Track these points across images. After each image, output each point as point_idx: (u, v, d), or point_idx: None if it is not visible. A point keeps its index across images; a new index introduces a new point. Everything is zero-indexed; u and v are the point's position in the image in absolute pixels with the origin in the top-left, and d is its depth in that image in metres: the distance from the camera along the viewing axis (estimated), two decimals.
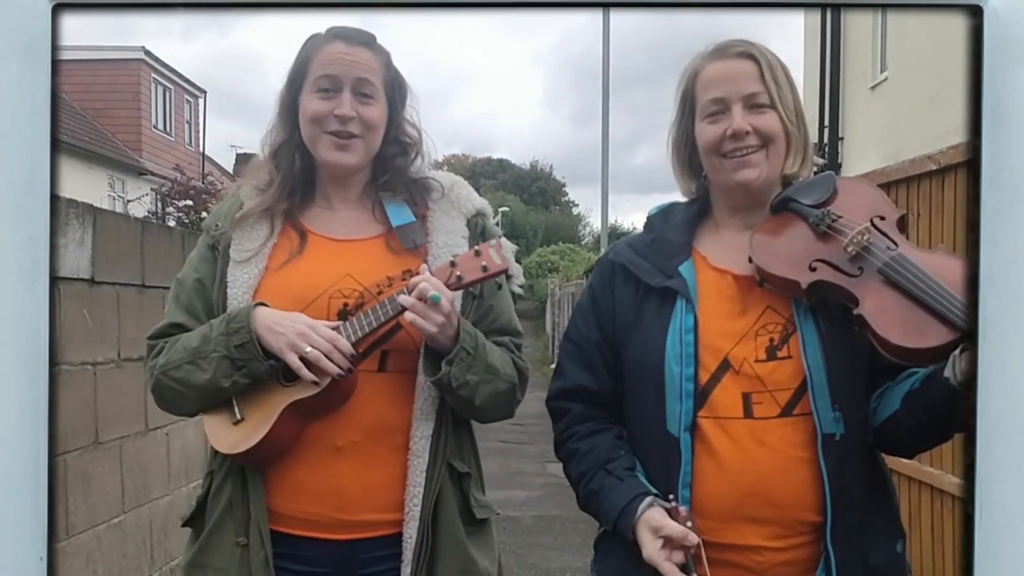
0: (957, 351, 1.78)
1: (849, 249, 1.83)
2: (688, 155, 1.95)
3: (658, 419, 1.86)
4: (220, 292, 1.95)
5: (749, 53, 1.89)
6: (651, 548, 1.81)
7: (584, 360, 1.94)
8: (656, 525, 1.81)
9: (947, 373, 1.78)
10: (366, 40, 1.99)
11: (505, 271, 1.91)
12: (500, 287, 2.04)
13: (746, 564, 1.86)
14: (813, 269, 1.84)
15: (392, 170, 2.01)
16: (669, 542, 1.82)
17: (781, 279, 1.87)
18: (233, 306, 1.93)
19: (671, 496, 1.85)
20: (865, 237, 1.83)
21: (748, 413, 1.84)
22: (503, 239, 1.95)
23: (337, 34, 1.98)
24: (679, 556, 1.81)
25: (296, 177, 2.00)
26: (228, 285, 1.93)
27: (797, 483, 1.83)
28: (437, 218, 1.98)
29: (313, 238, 1.97)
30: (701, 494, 1.85)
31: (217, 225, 2.01)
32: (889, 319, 1.79)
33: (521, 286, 2.07)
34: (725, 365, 1.85)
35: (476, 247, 1.91)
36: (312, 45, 1.97)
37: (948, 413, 1.84)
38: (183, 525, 2.02)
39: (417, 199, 1.99)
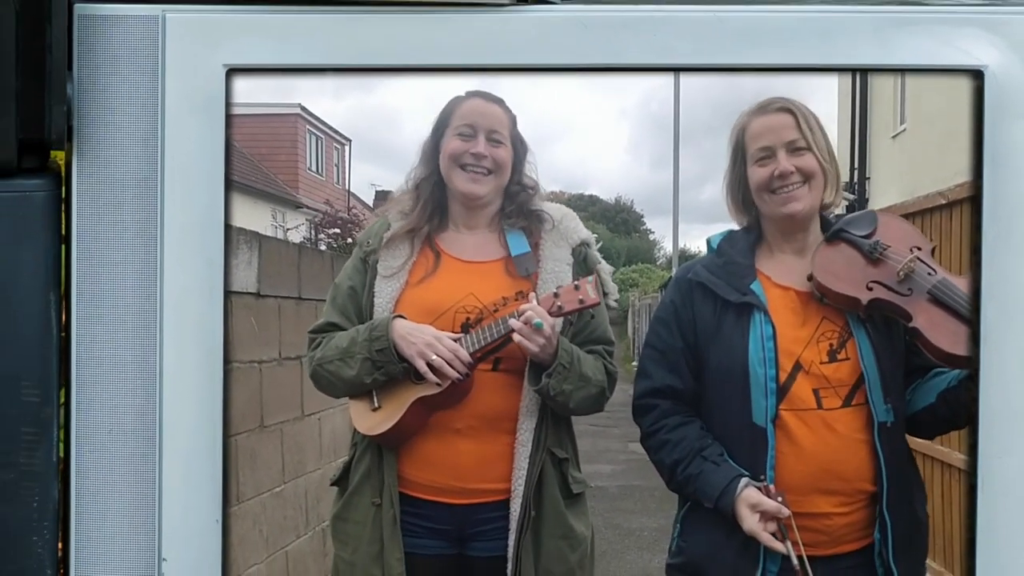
0: None
1: (900, 273, 2.17)
2: (741, 195, 2.22)
3: (744, 413, 2.19)
4: (368, 300, 2.22)
5: (787, 108, 2.19)
6: (750, 522, 2.16)
7: (669, 364, 2.22)
8: (754, 502, 2.16)
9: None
10: (498, 100, 2.24)
11: (597, 304, 2.22)
12: (599, 310, 2.28)
13: (819, 528, 2.19)
14: (870, 288, 2.19)
15: (516, 204, 2.26)
16: (764, 515, 2.16)
17: (844, 296, 2.19)
18: (378, 314, 2.20)
19: (761, 477, 2.18)
20: (912, 263, 2.16)
21: (819, 405, 2.19)
22: (602, 264, 2.27)
23: (475, 94, 2.23)
24: (772, 526, 2.16)
25: (434, 205, 2.25)
26: (375, 295, 2.22)
27: (858, 460, 2.19)
28: (547, 247, 2.24)
29: (445, 258, 2.23)
30: (784, 473, 2.18)
31: (368, 242, 2.26)
32: (939, 331, 2.16)
33: (616, 301, 2.31)
34: (798, 366, 2.18)
35: (576, 281, 2.21)
36: (455, 101, 2.22)
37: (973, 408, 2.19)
38: (332, 484, 2.30)
39: (532, 229, 2.24)
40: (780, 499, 2.20)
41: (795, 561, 2.18)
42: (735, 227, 2.26)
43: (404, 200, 2.29)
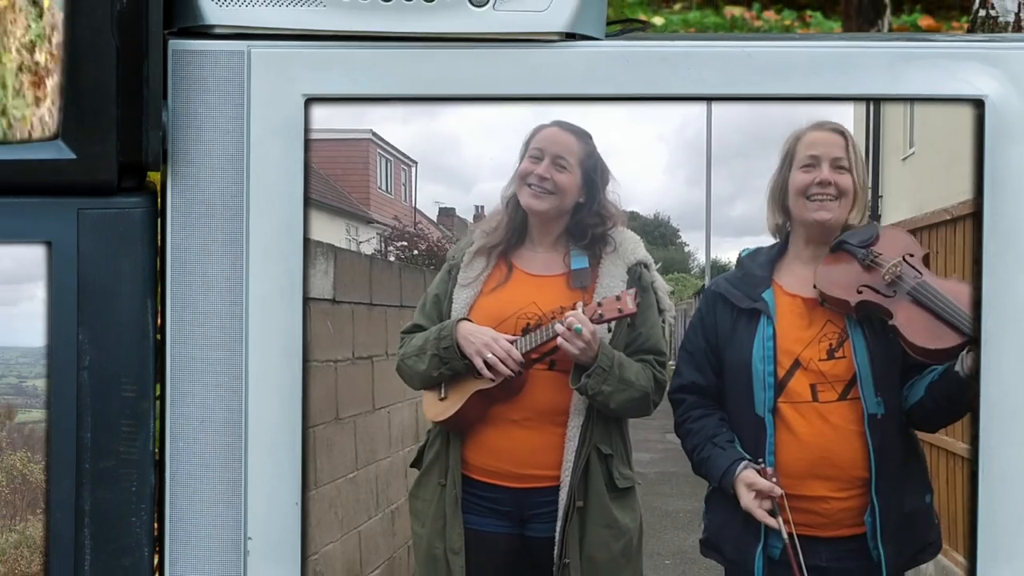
0: (964, 351, 2.28)
1: (885, 277, 2.30)
2: (781, 197, 2.36)
3: (748, 404, 2.35)
4: (447, 306, 2.37)
5: (840, 130, 2.34)
6: (746, 499, 2.32)
7: (696, 364, 2.38)
8: (749, 481, 2.31)
9: (957, 368, 2.28)
10: (575, 131, 2.38)
11: (635, 314, 2.36)
12: (645, 319, 2.42)
13: (818, 511, 2.34)
14: (860, 292, 2.33)
15: (586, 230, 2.40)
16: (759, 494, 2.31)
17: (836, 299, 2.33)
18: (454, 313, 2.38)
19: (760, 460, 2.32)
20: (897, 268, 2.29)
21: (815, 398, 2.34)
22: (658, 282, 2.42)
23: (554, 123, 2.37)
24: (767, 504, 2.31)
25: (516, 224, 2.40)
26: (453, 302, 2.38)
27: (851, 449, 2.33)
28: (606, 266, 2.38)
29: (516, 271, 2.39)
30: (782, 459, 2.33)
31: (454, 256, 2.41)
32: (915, 328, 2.31)
33: (674, 317, 2.46)
34: (796, 363, 2.33)
35: (618, 293, 2.37)
36: (537, 128, 2.37)
37: (959, 399, 2.31)
38: (411, 466, 2.48)
39: (597, 250, 2.38)
40: (775, 480, 2.35)
41: (785, 536, 2.32)
42: (762, 243, 2.40)
43: (492, 218, 2.44)
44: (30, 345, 2.33)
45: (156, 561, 2.40)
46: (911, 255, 2.35)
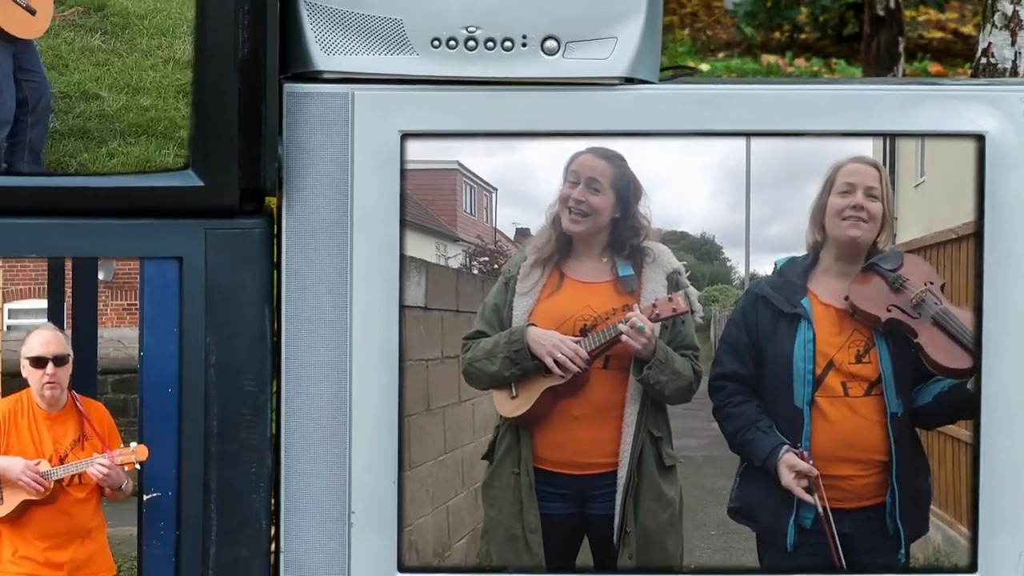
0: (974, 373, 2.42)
1: (912, 300, 2.45)
2: (820, 218, 2.48)
3: (788, 396, 2.51)
4: (508, 313, 2.47)
5: (876, 165, 2.47)
6: (787, 478, 2.48)
7: (737, 356, 2.52)
8: (791, 463, 2.48)
9: (970, 386, 2.48)
10: (606, 155, 2.52)
11: (687, 312, 2.50)
12: (684, 320, 2.57)
13: (844, 487, 2.50)
14: (889, 310, 2.49)
15: (625, 241, 2.52)
16: (799, 474, 2.48)
17: (867, 314, 2.48)
18: (515, 324, 2.47)
19: (798, 445, 2.49)
20: (923, 294, 2.44)
21: (846, 393, 2.50)
22: (690, 288, 2.56)
23: (587, 150, 2.51)
24: (804, 483, 2.47)
25: (562, 239, 2.52)
26: (513, 309, 2.48)
27: (874, 437, 2.50)
28: (647, 273, 2.51)
29: (568, 280, 2.50)
30: (816, 444, 2.50)
31: (510, 269, 2.52)
32: (936, 348, 2.48)
33: (703, 318, 2.62)
34: (830, 364, 2.49)
35: (669, 295, 2.49)
36: (573, 156, 2.50)
37: (961, 409, 2.53)
38: (482, 458, 2.60)
39: (637, 260, 2.51)
40: (811, 462, 2.51)
41: (820, 510, 2.50)
42: (796, 255, 2.59)
43: (541, 234, 2.55)
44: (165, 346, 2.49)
45: (272, 532, 2.57)
46: (932, 283, 2.53)
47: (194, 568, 2.55)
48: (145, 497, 2.53)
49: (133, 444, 2.58)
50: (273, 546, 2.63)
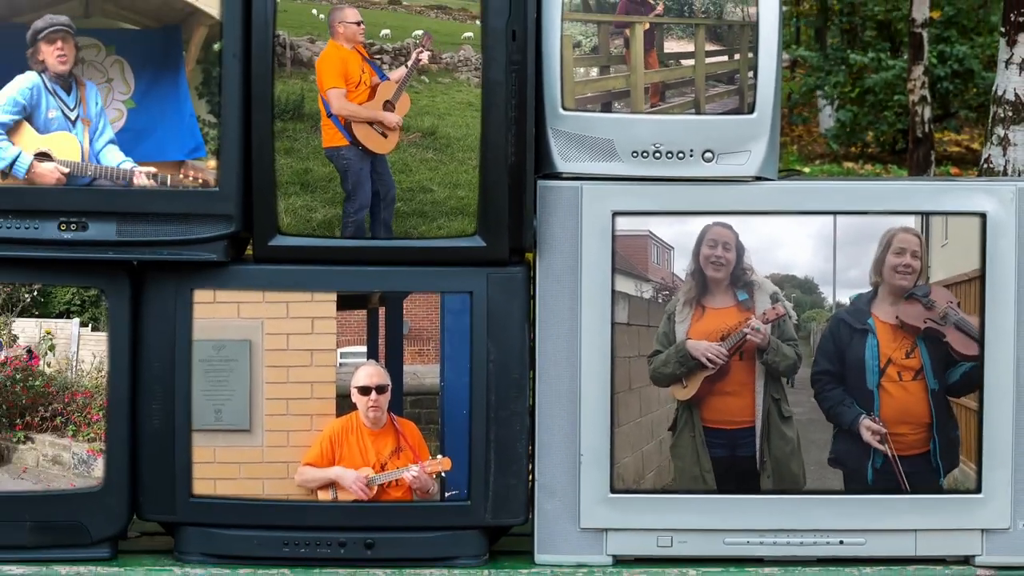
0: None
1: (940, 314, 3.03)
2: (879, 268, 2.95)
3: (862, 382, 3.05)
4: (672, 335, 2.99)
5: (918, 235, 2.93)
6: (867, 435, 3.03)
7: (828, 358, 3.06)
8: (868, 426, 3.04)
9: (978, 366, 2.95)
10: (727, 226, 2.97)
11: (785, 315, 3.02)
12: (784, 321, 3.04)
13: (901, 442, 3.06)
14: (925, 323, 3.05)
15: (742, 280, 3.02)
16: (874, 433, 3.05)
17: (911, 326, 3.03)
18: (678, 340, 2.95)
19: (872, 413, 3.06)
20: (947, 309, 3.03)
21: (900, 379, 3.06)
22: (786, 302, 3.08)
23: (715, 224, 2.99)
24: (877, 438, 3.05)
25: (700, 284, 3.00)
26: (676, 333, 2.99)
27: (923, 406, 3.06)
28: (758, 296, 3.02)
29: (708, 309, 3.01)
30: (884, 413, 3.07)
31: (670, 308, 3.00)
32: (958, 342, 3.04)
33: (804, 329, 3.07)
34: (889, 360, 3.05)
35: (774, 305, 3.03)
36: (706, 227, 2.98)
37: (976, 383, 3.08)
38: (668, 430, 3.06)
39: (749, 289, 3.03)
40: (881, 423, 3.07)
41: (890, 455, 3.05)
42: (863, 290, 3.10)
43: (687, 282, 3.08)
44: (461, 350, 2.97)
45: (530, 468, 3.11)
46: (951, 302, 3.09)
47: (480, 492, 3.09)
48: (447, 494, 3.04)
49: (439, 456, 3.08)
50: (530, 476, 3.15)
